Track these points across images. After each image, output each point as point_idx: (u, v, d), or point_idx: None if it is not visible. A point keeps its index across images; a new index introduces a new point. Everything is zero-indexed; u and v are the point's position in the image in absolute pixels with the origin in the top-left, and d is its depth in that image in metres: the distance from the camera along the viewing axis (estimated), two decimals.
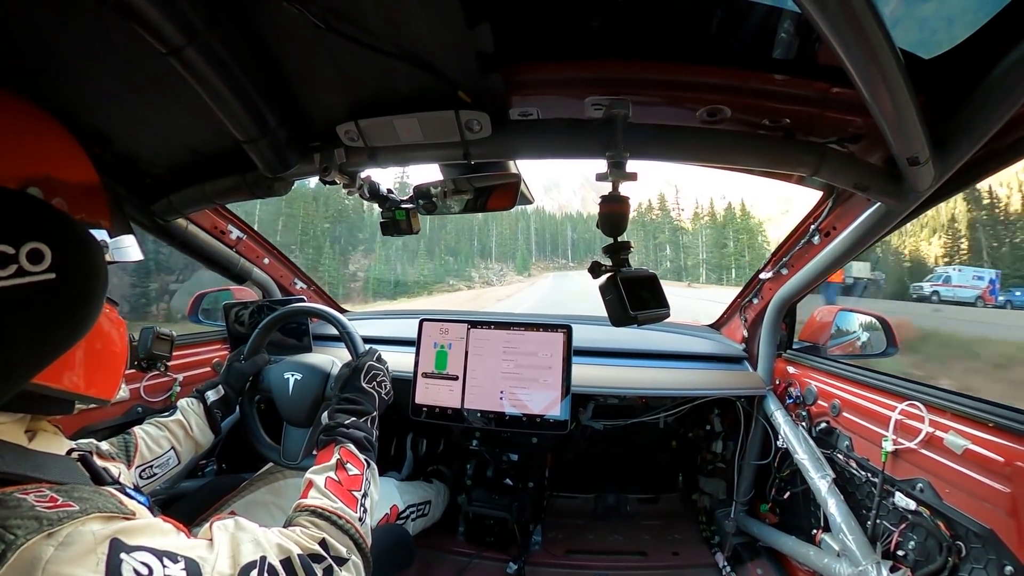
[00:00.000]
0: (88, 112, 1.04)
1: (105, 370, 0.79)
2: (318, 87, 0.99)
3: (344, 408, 1.18)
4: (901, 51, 0.63)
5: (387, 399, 1.32)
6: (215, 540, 0.71)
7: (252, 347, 1.58)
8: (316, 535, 0.84)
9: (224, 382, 1.48)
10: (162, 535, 0.63)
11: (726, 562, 2.11)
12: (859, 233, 1.35)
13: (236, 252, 2.05)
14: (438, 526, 2.19)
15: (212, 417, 1.42)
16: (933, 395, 1.32)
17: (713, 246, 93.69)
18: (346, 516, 0.91)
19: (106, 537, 0.55)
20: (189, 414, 1.37)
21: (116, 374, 0.82)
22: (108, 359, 0.80)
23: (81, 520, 0.55)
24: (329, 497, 0.93)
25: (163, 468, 1.26)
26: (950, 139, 0.86)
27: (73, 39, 0.82)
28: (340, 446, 1.07)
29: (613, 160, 0.96)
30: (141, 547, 0.58)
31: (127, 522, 0.60)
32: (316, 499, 0.93)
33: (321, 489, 0.95)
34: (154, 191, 1.42)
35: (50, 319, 0.61)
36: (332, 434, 1.10)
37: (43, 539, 0.51)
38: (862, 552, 1.42)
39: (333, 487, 0.96)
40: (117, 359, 0.83)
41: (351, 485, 0.99)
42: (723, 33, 0.83)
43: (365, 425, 1.16)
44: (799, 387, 1.88)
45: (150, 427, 1.28)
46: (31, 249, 0.58)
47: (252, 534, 0.75)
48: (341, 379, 1.29)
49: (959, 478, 1.20)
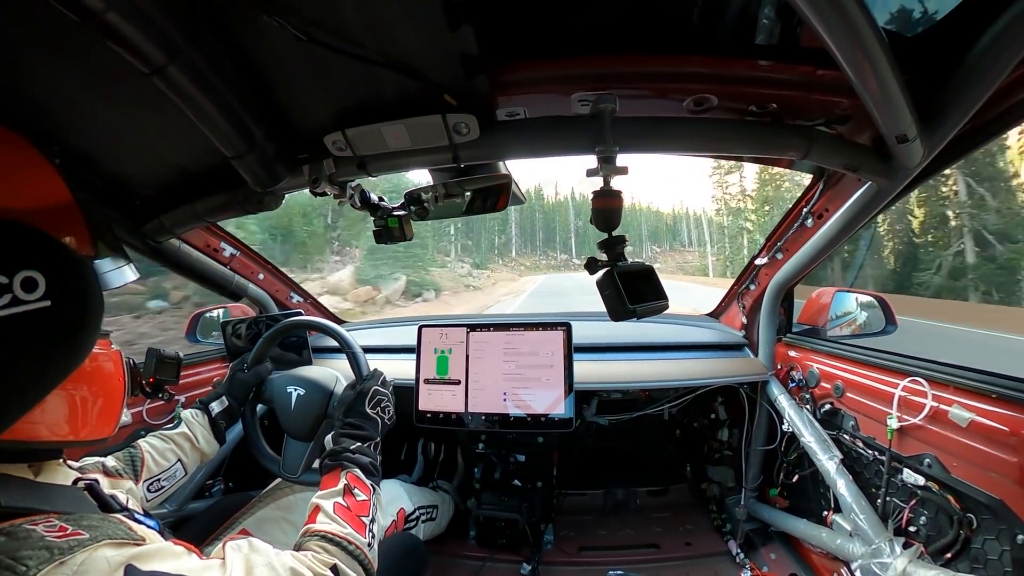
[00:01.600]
0: (74, 135, 1.03)
1: (101, 411, 0.78)
2: (303, 98, 0.99)
3: (349, 433, 1.19)
4: (884, 30, 0.63)
5: (389, 424, 1.32)
6: (228, 560, 0.71)
7: (255, 357, 1.58)
8: (328, 560, 0.84)
9: (227, 392, 1.47)
10: (174, 558, 0.63)
11: (739, 549, 2.11)
12: (851, 213, 1.36)
13: (230, 269, 2.03)
14: (449, 531, 2.18)
15: (217, 428, 1.41)
16: (935, 370, 1.32)
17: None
18: (356, 542, 0.92)
19: (120, 564, 0.55)
20: (194, 426, 1.36)
21: (114, 412, 0.81)
22: (103, 399, 0.78)
23: (92, 547, 0.55)
24: (338, 522, 0.94)
25: (170, 481, 1.25)
26: (937, 115, 0.86)
27: (56, 63, 0.81)
28: (347, 471, 1.07)
29: (603, 155, 0.96)
30: (155, 572, 0.58)
31: (140, 547, 0.60)
32: (326, 524, 0.94)
33: (330, 514, 0.96)
34: (144, 212, 1.41)
35: (48, 347, 0.61)
36: (338, 459, 1.11)
37: (55, 568, 0.51)
38: (874, 530, 1.42)
39: (342, 512, 0.97)
40: (113, 397, 0.81)
41: (359, 511, 1.00)
42: (705, 22, 0.83)
43: (369, 450, 1.17)
44: (801, 370, 1.88)
45: (155, 440, 1.27)
46: (25, 278, 0.58)
47: (266, 557, 0.75)
48: (345, 402, 1.28)
49: (966, 451, 1.21)
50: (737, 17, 0.83)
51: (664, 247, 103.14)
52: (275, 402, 1.53)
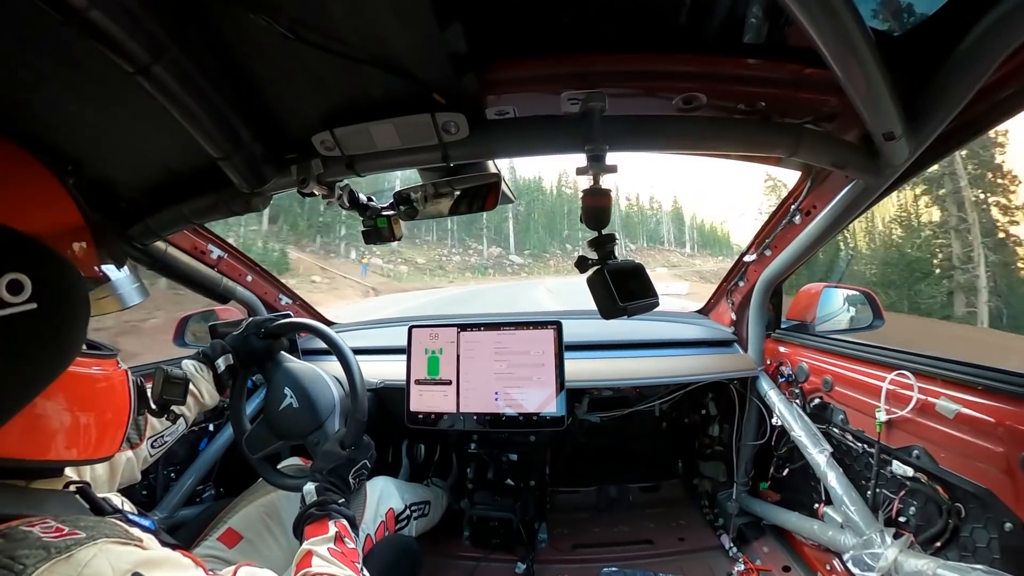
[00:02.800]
0: (56, 137, 1.01)
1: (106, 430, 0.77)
2: (290, 98, 0.97)
3: (333, 489, 1.24)
4: (871, 29, 0.63)
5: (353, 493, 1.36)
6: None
7: (274, 330, 1.58)
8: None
9: (235, 352, 1.49)
10: (182, 569, 0.63)
11: (732, 543, 2.12)
12: (839, 210, 1.37)
13: (218, 271, 2.01)
14: (443, 532, 2.18)
15: (220, 382, 1.44)
16: (921, 363, 1.34)
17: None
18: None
19: (127, 572, 0.55)
20: (199, 381, 1.38)
21: (118, 430, 0.80)
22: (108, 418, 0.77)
23: (90, 545, 0.54)
24: (336, 564, 0.97)
25: (173, 435, 1.30)
26: (923, 113, 0.87)
27: (37, 63, 0.79)
28: (335, 520, 1.13)
29: (592, 153, 0.96)
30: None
31: (146, 553, 0.60)
32: (324, 567, 0.96)
33: (327, 558, 0.99)
34: (130, 215, 1.39)
35: (35, 348, 0.60)
36: (326, 509, 1.15)
37: (56, 566, 0.50)
38: (865, 522, 1.44)
39: (338, 556, 1.01)
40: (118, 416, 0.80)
41: (352, 557, 1.04)
42: (694, 21, 0.83)
43: (348, 509, 1.22)
44: (790, 365, 1.90)
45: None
46: (10, 280, 0.57)
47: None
48: (332, 460, 1.31)
49: (953, 442, 1.23)
50: (725, 16, 0.84)
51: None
52: (270, 388, 1.55)
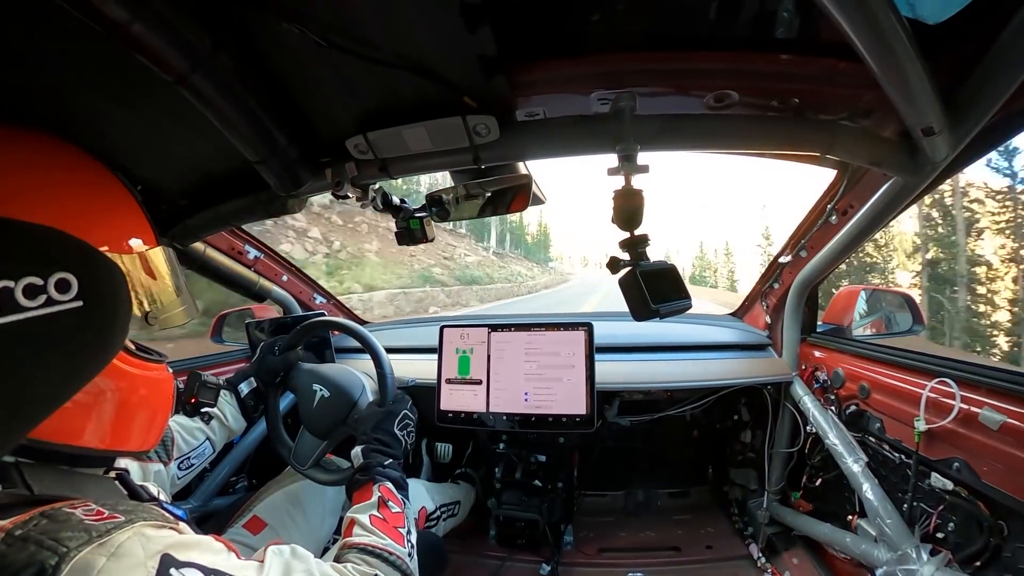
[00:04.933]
0: (104, 145, 1.06)
1: (149, 426, 0.81)
2: (325, 103, 1.00)
3: (379, 449, 1.21)
4: (906, 19, 0.62)
5: (409, 448, 1.36)
6: (267, 562, 0.72)
7: (289, 343, 1.61)
8: (369, 572, 0.85)
9: (255, 374, 1.52)
10: (213, 553, 0.64)
11: (760, 553, 2.08)
12: (876, 209, 1.32)
13: (254, 271, 2.07)
14: (469, 530, 2.20)
15: (245, 407, 1.46)
16: (964, 370, 1.29)
17: None
18: (397, 552, 0.93)
19: (157, 552, 0.56)
20: (224, 405, 1.41)
21: (159, 427, 0.84)
22: (152, 415, 0.82)
23: (129, 528, 0.56)
24: (377, 534, 0.95)
25: (200, 458, 1.30)
26: (964, 105, 0.84)
27: (84, 73, 0.84)
28: (379, 484, 1.09)
29: (624, 153, 0.96)
30: (191, 563, 0.59)
31: (178, 536, 0.61)
32: (364, 537, 0.94)
33: (367, 527, 0.96)
34: (170, 218, 1.44)
35: (80, 344, 0.63)
36: (370, 473, 1.13)
37: (95, 549, 0.52)
38: (900, 536, 1.39)
39: (379, 524, 0.98)
40: (162, 413, 0.84)
41: (396, 522, 1.01)
42: (723, 16, 0.82)
43: (398, 467, 1.19)
44: (826, 371, 1.85)
45: (183, 419, 1.32)
46: (59, 279, 0.60)
47: (306, 564, 0.76)
48: (374, 418, 1.31)
49: (997, 455, 1.17)
50: (756, 11, 0.82)
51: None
52: (298, 393, 1.57)
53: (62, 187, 0.71)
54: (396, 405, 1.36)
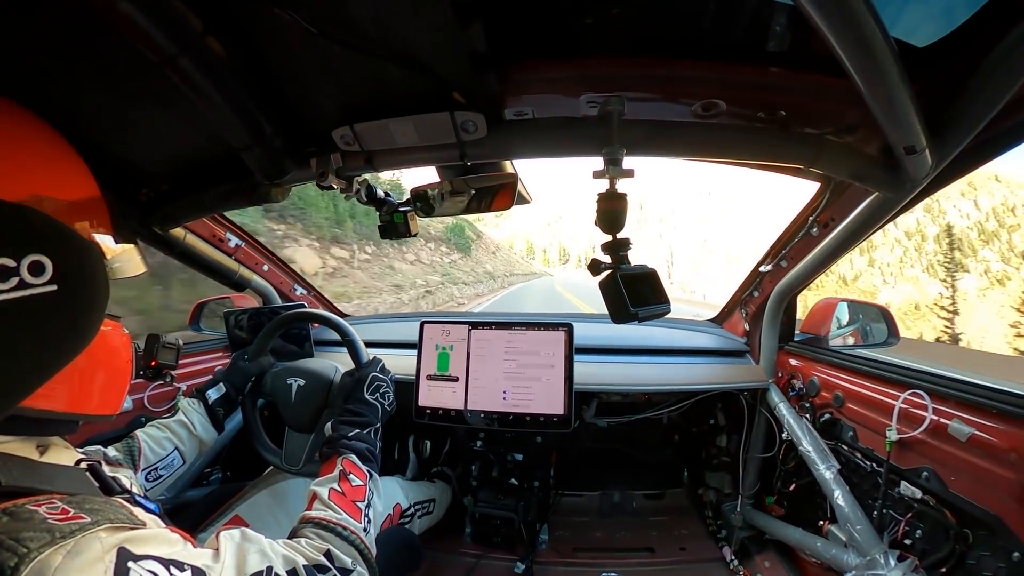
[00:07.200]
0: (82, 123, 1.04)
1: (109, 387, 0.79)
2: (312, 92, 0.99)
3: (347, 420, 1.20)
4: (895, 40, 0.62)
5: (389, 410, 1.33)
6: (221, 549, 0.71)
7: (257, 348, 1.59)
8: (321, 546, 0.85)
9: (225, 379, 1.49)
10: (169, 544, 0.63)
11: (733, 556, 2.11)
12: (857, 223, 1.35)
13: (235, 260, 2.04)
14: (444, 527, 2.19)
15: (215, 415, 1.42)
16: (936, 383, 1.32)
17: None
18: (350, 527, 0.93)
19: (113, 546, 0.55)
20: (191, 413, 1.37)
21: (120, 390, 0.83)
22: (112, 376, 0.80)
23: (92, 532, 0.55)
24: (333, 509, 0.95)
25: (168, 469, 1.26)
26: (947, 127, 0.86)
27: (67, 50, 0.81)
28: (343, 457, 1.08)
29: (609, 157, 0.96)
30: (148, 556, 0.58)
31: (135, 531, 0.60)
32: (320, 511, 0.95)
33: (325, 501, 0.97)
34: (151, 201, 1.42)
35: (53, 330, 0.61)
36: (334, 446, 1.12)
37: (56, 551, 0.51)
38: (869, 542, 1.42)
39: (336, 498, 0.98)
40: (121, 375, 0.83)
41: (354, 496, 1.01)
42: (716, 26, 0.83)
43: (368, 436, 1.18)
44: (802, 379, 1.88)
45: (152, 429, 1.28)
46: (32, 261, 0.58)
47: (258, 544, 0.76)
48: (344, 389, 1.30)
49: (964, 465, 1.21)
50: (749, 23, 0.83)
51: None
52: (276, 395, 1.54)
53: (36, 164, 0.69)
54: (364, 370, 1.35)
